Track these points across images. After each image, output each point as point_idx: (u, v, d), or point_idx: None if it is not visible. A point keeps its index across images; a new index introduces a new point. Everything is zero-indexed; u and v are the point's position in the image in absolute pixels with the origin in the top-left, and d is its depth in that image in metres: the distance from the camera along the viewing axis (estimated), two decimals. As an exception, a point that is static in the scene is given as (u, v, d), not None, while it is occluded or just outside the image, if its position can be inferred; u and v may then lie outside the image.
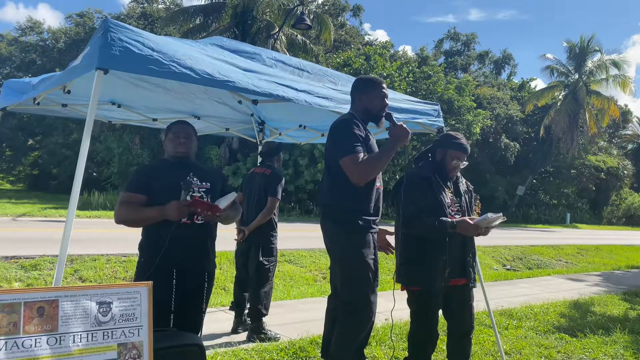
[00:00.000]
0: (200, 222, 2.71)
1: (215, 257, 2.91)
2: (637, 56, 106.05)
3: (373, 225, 2.93)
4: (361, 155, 2.77)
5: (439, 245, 3.04)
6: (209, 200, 2.75)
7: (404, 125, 2.89)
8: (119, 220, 2.65)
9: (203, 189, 2.79)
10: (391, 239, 3.36)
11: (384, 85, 3.08)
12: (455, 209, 3.16)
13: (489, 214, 2.99)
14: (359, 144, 2.79)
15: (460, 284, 3.17)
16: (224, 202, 2.69)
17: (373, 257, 2.90)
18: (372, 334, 3.46)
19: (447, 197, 3.15)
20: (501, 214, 3.02)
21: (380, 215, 3.01)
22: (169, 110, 4.74)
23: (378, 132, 3.99)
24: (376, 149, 2.97)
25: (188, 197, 2.65)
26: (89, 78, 2.44)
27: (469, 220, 3.01)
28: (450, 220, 3.02)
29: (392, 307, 3.05)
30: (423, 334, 3.20)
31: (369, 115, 3.02)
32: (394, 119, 3.02)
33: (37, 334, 1.86)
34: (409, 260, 3.10)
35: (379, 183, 2.98)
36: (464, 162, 3.23)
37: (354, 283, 2.87)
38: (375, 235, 2.98)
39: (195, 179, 2.78)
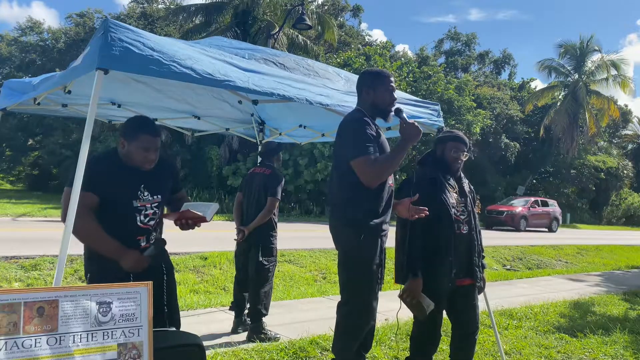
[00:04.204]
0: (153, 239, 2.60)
1: (168, 255, 2.83)
2: (634, 55, 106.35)
3: (382, 227, 2.85)
4: (373, 156, 2.68)
5: (445, 245, 3.03)
6: (158, 211, 2.64)
7: (416, 124, 2.80)
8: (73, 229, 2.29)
9: (155, 204, 2.60)
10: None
11: (392, 79, 2.97)
12: (461, 209, 3.14)
13: (427, 300, 2.93)
14: (370, 144, 2.70)
15: (465, 284, 3.16)
16: (210, 214, 2.57)
17: (379, 261, 2.83)
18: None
19: (452, 197, 3.13)
20: (433, 305, 2.95)
21: (390, 214, 2.93)
22: (169, 110, 4.75)
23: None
24: (387, 146, 2.89)
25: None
26: (89, 78, 2.43)
27: (419, 286, 2.93)
28: (414, 272, 2.94)
29: (391, 307, 3.04)
30: (426, 334, 3.20)
31: (377, 110, 2.91)
32: (404, 116, 2.90)
33: (37, 334, 1.86)
34: None
35: (391, 181, 2.91)
36: (465, 153, 3.22)
37: (355, 286, 2.82)
38: (385, 238, 2.90)
39: (146, 194, 2.57)
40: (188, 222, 2.55)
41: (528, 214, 22.71)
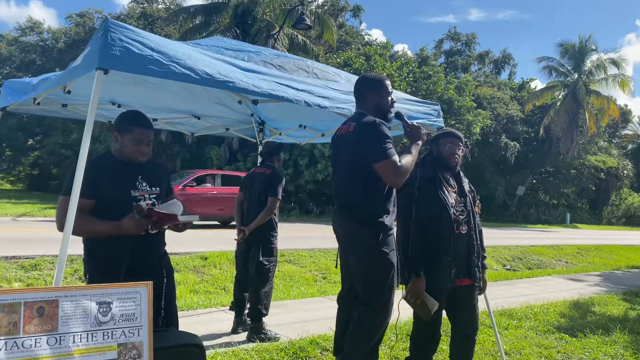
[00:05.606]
0: (154, 232, 2.58)
1: (169, 257, 2.84)
2: (633, 55, 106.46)
3: (393, 226, 2.92)
4: (397, 157, 2.76)
5: (444, 245, 3.03)
6: (157, 203, 2.64)
7: (418, 124, 2.90)
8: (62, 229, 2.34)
9: (154, 195, 2.65)
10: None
11: (389, 82, 3.09)
12: (460, 209, 3.14)
13: (431, 300, 2.96)
14: (391, 146, 2.77)
15: (464, 285, 3.16)
16: (179, 213, 2.53)
17: (396, 259, 2.89)
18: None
19: (451, 196, 3.13)
20: (437, 304, 2.97)
21: (395, 213, 3.00)
22: (169, 110, 4.75)
23: None
24: None
25: (143, 204, 2.50)
26: (89, 78, 2.43)
27: (422, 285, 2.95)
28: (416, 272, 2.96)
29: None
30: (426, 334, 3.20)
31: (380, 112, 2.99)
32: (405, 119, 3.01)
33: (37, 334, 1.86)
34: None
35: None
36: (462, 148, 3.24)
37: (378, 284, 2.84)
38: (394, 237, 2.97)
39: (144, 184, 2.63)
40: (159, 223, 2.52)
41: (184, 198, 11.56)
